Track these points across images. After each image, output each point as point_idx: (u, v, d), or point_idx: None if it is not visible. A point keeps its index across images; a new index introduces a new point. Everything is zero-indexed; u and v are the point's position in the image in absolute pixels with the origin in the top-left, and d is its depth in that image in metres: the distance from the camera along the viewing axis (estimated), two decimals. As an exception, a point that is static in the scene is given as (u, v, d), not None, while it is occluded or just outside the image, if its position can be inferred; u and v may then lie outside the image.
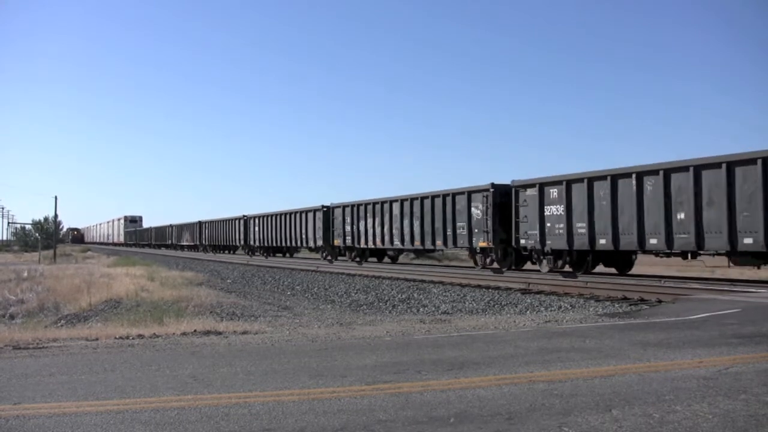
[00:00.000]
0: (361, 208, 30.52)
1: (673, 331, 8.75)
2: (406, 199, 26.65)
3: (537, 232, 19.68)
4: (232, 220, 51.57)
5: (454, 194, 23.57)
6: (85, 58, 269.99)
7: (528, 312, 13.55)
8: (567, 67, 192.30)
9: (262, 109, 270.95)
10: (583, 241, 18.13)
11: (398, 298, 17.45)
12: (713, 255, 15.86)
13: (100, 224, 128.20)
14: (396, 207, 27.48)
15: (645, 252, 17.43)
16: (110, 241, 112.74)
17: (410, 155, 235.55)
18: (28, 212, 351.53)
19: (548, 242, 19.38)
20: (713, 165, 14.90)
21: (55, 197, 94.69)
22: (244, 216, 48.37)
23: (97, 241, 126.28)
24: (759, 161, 13.99)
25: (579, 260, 19.05)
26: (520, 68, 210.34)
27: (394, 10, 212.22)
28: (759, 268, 15.52)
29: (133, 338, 9.53)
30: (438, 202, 24.43)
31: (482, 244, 22.15)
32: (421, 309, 15.45)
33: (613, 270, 19.68)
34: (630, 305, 13.27)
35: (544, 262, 20.01)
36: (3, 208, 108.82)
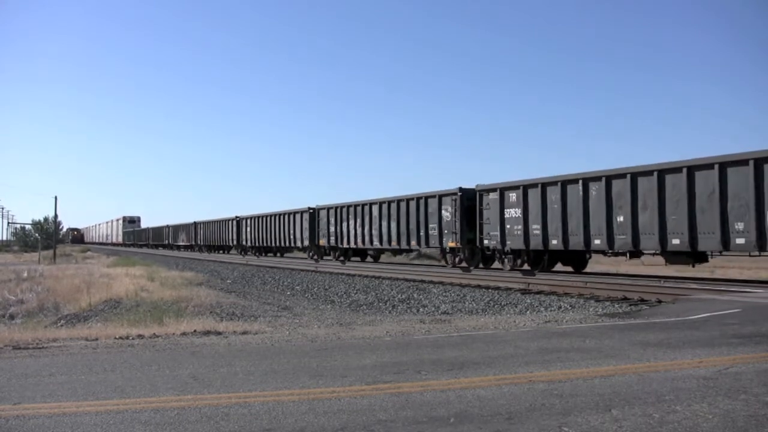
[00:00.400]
0: (344, 210, 32.27)
1: (673, 331, 8.75)
2: (384, 202, 28.30)
3: (498, 233, 21.66)
4: (225, 220, 53.66)
5: (427, 197, 25.38)
6: (85, 58, 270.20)
7: (528, 312, 13.55)
8: (567, 67, 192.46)
9: (261, 109, 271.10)
10: (538, 242, 19.99)
11: (398, 298, 17.45)
12: (653, 254, 17.48)
13: (99, 224, 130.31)
14: (375, 209, 29.12)
15: (591, 252, 19.29)
16: (109, 241, 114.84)
17: (410, 155, 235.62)
18: (28, 212, 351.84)
19: (508, 242, 21.35)
20: (646, 173, 16.76)
21: (55, 197, 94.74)
22: (236, 217, 50.32)
23: (96, 241, 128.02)
24: (684, 170, 15.72)
25: (536, 259, 20.97)
26: (520, 68, 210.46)
27: (394, 10, 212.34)
28: (693, 266, 17.52)
29: (132, 338, 9.53)
30: (412, 205, 26.18)
31: (451, 244, 23.98)
32: (421, 309, 15.45)
33: (569, 268, 21.52)
34: (630, 305, 13.27)
35: (506, 260, 21.96)
36: (3, 208, 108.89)
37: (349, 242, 32.51)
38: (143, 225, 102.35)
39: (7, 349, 8.58)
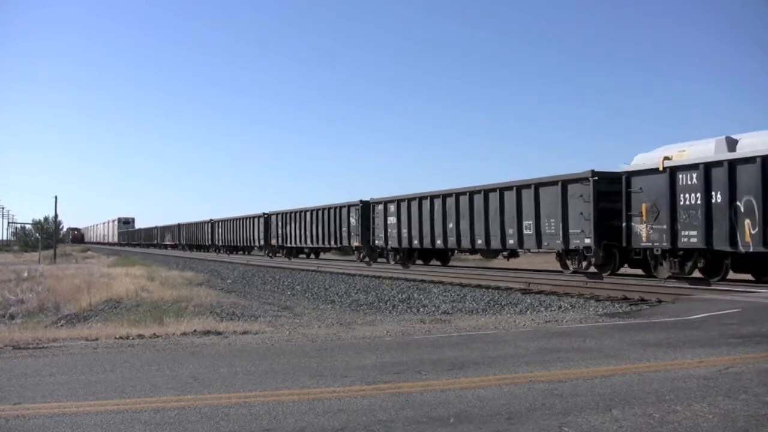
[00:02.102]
0: (288, 216, 40.11)
1: (673, 331, 8.75)
2: (313, 210, 36.00)
3: (383, 235, 28.44)
4: (202, 222, 62.60)
5: (340, 207, 32.85)
6: (85, 58, 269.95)
7: (528, 312, 13.54)
8: (567, 67, 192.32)
9: (261, 109, 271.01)
10: (407, 242, 26.70)
11: (398, 298, 17.45)
12: (476, 252, 24.47)
13: (97, 225, 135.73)
14: (308, 215, 36.72)
15: (435, 249, 25.94)
16: (106, 241, 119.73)
17: (410, 155, 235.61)
18: (28, 212, 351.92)
19: (389, 242, 28.16)
20: (461, 193, 23.27)
21: (55, 197, 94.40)
22: (210, 220, 59.52)
23: (94, 241, 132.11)
24: (482, 192, 22.14)
25: (408, 255, 27.46)
26: (520, 68, 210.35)
27: (394, 10, 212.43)
28: (508, 260, 23.55)
29: (133, 338, 9.53)
30: (333, 212, 33.59)
31: (356, 243, 31.53)
32: (421, 309, 15.45)
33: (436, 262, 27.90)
34: (630, 305, 13.26)
35: (390, 256, 28.74)
36: (3, 208, 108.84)
37: (291, 242, 39.56)
38: (138, 226, 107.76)
39: (7, 349, 8.58)
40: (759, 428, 4.36)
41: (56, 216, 79.12)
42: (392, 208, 27.65)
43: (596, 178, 17.61)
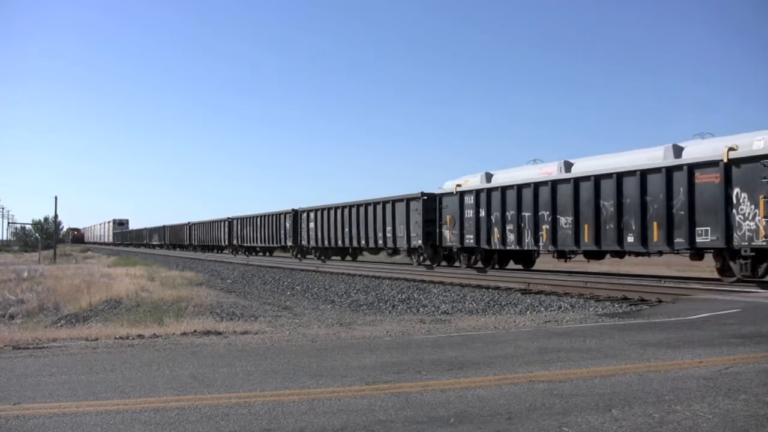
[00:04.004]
0: (245, 220, 50.51)
1: (673, 331, 8.75)
2: (261, 216, 46.61)
3: (306, 236, 38.50)
4: (181, 225, 72.44)
5: (278, 214, 42.90)
6: (85, 58, 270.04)
7: (528, 312, 13.53)
8: (567, 67, 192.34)
9: (261, 109, 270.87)
10: (321, 242, 36.26)
11: (398, 298, 17.44)
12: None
13: (94, 226, 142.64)
14: (258, 220, 47.39)
15: (338, 248, 35.04)
16: (102, 241, 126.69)
17: (410, 155, 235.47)
18: (28, 212, 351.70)
19: (311, 242, 37.84)
20: (360, 205, 31.40)
21: (55, 197, 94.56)
22: (188, 222, 69.06)
23: (92, 241, 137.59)
24: (356, 206, 31.83)
25: (325, 252, 36.75)
26: (520, 68, 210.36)
27: (394, 10, 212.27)
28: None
29: (132, 338, 9.52)
30: (273, 218, 44.00)
31: (289, 243, 41.27)
32: (421, 309, 15.44)
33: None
34: (630, 305, 13.25)
35: (313, 253, 38.40)
36: (3, 208, 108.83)
37: (247, 242, 50.62)
38: (133, 227, 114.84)
39: (7, 349, 8.57)
40: (759, 428, 4.36)
41: (56, 216, 79.10)
42: (311, 215, 37.52)
43: (425, 197, 26.36)
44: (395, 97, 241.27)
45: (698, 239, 15.36)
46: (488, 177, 22.62)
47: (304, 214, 38.48)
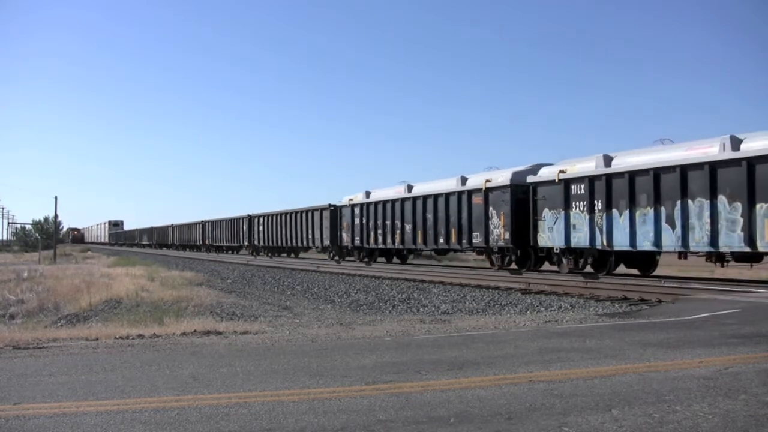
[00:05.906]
0: (215, 223, 59.50)
1: (673, 331, 8.75)
2: (228, 220, 55.83)
3: (256, 237, 47.82)
4: (165, 227, 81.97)
5: (240, 218, 52.20)
6: (85, 58, 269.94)
7: (528, 312, 13.53)
8: (567, 67, 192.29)
9: (261, 109, 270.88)
10: (272, 242, 44.45)
11: (398, 298, 17.44)
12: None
13: (92, 226, 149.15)
14: (225, 223, 56.42)
15: (287, 247, 43.54)
16: (99, 241, 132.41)
17: (410, 154, 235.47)
18: (28, 212, 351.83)
19: (261, 242, 46.88)
20: (299, 212, 39.58)
21: (55, 197, 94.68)
22: (171, 224, 77.62)
23: (89, 241, 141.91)
24: (299, 213, 40.04)
25: (276, 250, 44.95)
26: (520, 68, 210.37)
27: (394, 10, 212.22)
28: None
29: (133, 338, 9.52)
30: (236, 222, 53.32)
31: (245, 243, 51.48)
32: (421, 309, 15.44)
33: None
34: (630, 305, 13.26)
35: (262, 252, 47.32)
36: (3, 208, 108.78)
37: (216, 242, 60.16)
38: (128, 227, 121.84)
39: (7, 349, 8.57)
40: (759, 428, 4.36)
41: (56, 216, 79.14)
42: (262, 220, 47.05)
43: (332, 208, 35.49)
44: (395, 97, 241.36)
45: (474, 240, 22.99)
46: (367, 194, 30.93)
47: (255, 219, 48.73)
